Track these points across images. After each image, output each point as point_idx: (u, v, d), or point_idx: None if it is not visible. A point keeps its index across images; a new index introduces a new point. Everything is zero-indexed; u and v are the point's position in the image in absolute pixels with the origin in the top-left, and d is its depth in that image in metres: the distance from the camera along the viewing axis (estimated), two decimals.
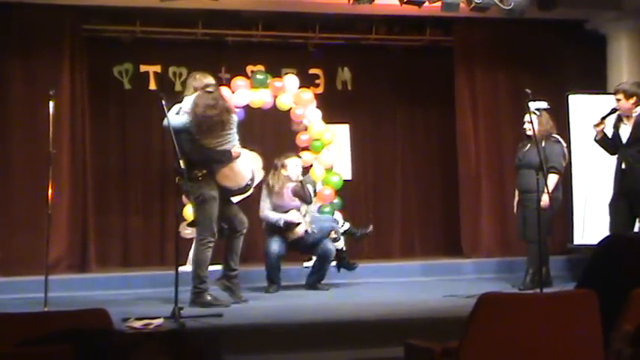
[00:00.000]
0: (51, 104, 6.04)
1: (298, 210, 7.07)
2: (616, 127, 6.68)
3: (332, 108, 8.52)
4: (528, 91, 6.26)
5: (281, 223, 6.99)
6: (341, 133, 8.65)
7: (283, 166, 7.13)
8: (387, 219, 9.24)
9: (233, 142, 6.12)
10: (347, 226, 7.47)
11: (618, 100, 6.58)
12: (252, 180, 6.35)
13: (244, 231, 6.33)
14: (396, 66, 9.25)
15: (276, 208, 7.05)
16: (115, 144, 8.65)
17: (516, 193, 7.17)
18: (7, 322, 2.73)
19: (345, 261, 7.31)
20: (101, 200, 8.33)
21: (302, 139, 7.89)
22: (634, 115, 6.55)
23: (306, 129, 7.98)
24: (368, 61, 9.20)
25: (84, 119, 8.06)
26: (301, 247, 7.20)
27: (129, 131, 8.67)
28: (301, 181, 7.09)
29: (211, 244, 6.11)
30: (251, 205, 7.57)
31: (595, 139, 6.76)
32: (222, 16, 8.28)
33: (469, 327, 2.86)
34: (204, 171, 6.04)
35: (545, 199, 6.45)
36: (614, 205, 6.68)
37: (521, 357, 2.94)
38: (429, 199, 9.36)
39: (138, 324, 5.04)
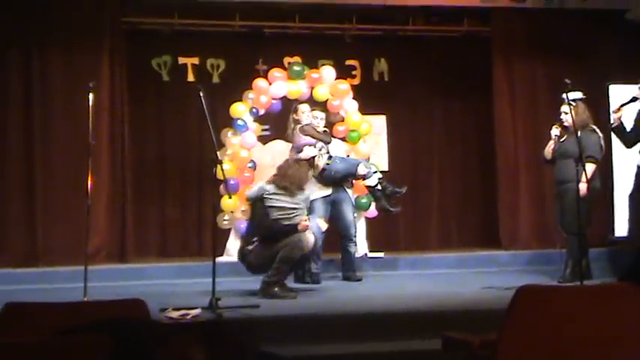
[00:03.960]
0: (90, 96, 6.10)
1: (313, 146, 7.03)
2: (638, 120, 6.60)
3: (369, 99, 8.47)
4: (568, 81, 6.18)
5: None
6: (378, 125, 8.60)
7: (295, 110, 7.14)
8: (423, 210, 9.18)
9: (301, 215, 6.17)
10: (379, 175, 7.12)
11: None
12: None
13: None
14: (433, 57, 9.16)
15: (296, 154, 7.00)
16: (154, 135, 8.73)
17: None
18: (47, 312, 2.77)
19: (382, 202, 7.04)
20: (139, 191, 8.41)
21: (339, 130, 7.87)
22: None
23: (342, 120, 7.95)
24: (405, 52, 9.12)
25: (123, 111, 8.16)
26: (329, 181, 7.05)
27: (167, 123, 8.75)
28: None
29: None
30: None
31: (611, 127, 6.69)
32: (259, 8, 8.29)
33: (507, 319, 2.84)
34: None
35: (583, 188, 6.38)
36: (634, 199, 6.60)
37: (561, 350, 2.90)
38: (467, 190, 9.27)
39: (175, 314, 5.10)
